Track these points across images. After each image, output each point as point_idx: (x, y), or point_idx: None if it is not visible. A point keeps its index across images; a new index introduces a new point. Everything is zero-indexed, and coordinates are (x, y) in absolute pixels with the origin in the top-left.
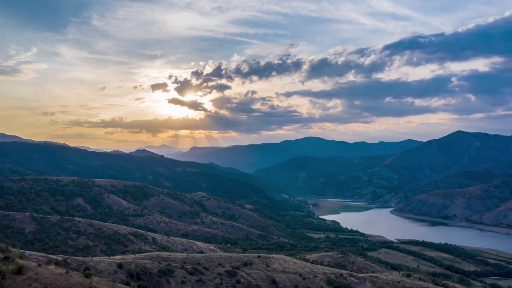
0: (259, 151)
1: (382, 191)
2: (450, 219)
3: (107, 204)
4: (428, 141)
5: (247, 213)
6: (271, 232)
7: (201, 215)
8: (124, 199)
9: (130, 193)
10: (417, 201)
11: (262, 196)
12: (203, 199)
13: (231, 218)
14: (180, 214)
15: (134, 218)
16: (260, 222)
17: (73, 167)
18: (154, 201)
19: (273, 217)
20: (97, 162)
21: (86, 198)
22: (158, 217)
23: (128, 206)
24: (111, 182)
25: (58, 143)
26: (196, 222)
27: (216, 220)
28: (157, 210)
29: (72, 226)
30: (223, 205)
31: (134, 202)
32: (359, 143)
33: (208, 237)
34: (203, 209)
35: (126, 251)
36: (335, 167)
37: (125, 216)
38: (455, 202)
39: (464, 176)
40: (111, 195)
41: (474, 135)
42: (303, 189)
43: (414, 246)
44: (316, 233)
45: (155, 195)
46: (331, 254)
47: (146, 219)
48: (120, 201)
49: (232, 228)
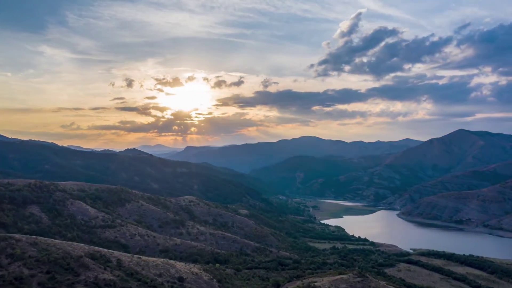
0: (255, 150)
1: (385, 192)
2: (465, 224)
3: (69, 213)
4: (429, 140)
5: (241, 220)
6: (269, 242)
7: (187, 224)
8: (93, 206)
9: (102, 199)
10: (426, 203)
11: (258, 199)
12: (191, 204)
13: (223, 226)
14: (161, 224)
15: (102, 231)
16: (257, 231)
17: (49, 167)
18: (132, 207)
19: (271, 223)
20: (79, 162)
21: (44, 206)
22: (133, 228)
23: (96, 215)
24: (80, 185)
25: (39, 141)
26: (180, 233)
27: (204, 230)
28: (134, 219)
29: (7, 246)
30: (214, 211)
31: (106, 209)
32: (356, 142)
33: (193, 253)
34: (190, 216)
35: (76, 282)
36: (333, 167)
37: (90, 228)
38: (468, 205)
39: (472, 176)
40: (77, 202)
41: (476, 133)
42: (301, 190)
43: (436, 259)
44: (320, 242)
45: (133, 200)
46: (346, 278)
47: (117, 231)
48: (87, 209)
49: (224, 240)
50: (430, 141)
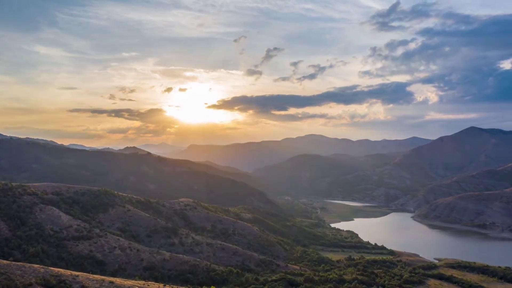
0: (260, 149)
1: (396, 192)
2: (489, 228)
3: (36, 222)
4: (440, 138)
5: (244, 226)
6: (276, 253)
7: (180, 233)
8: (68, 212)
9: (81, 203)
10: (443, 205)
11: (263, 200)
12: (187, 208)
13: (223, 234)
14: (150, 232)
15: (75, 243)
16: (261, 240)
17: (37, 166)
18: (116, 213)
19: (277, 229)
20: (71, 161)
21: (5, 213)
22: (114, 239)
23: (70, 224)
24: (55, 187)
25: (31, 139)
26: (171, 244)
27: (200, 239)
28: (117, 227)
29: None
30: (213, 216)
31: (83, 216)
32: (362, 140)
33: (185, 270)
34: (186, 222)
35: None
36: (340, 165)
37: (60, 241)
38: (490, 207)
39: (489, 176)
40: (48, 208)
41: (488, 131)
42: (307, 189)
43: (469, 272)
44: (333, 251)
45: (118, 204)
46: None
47: (93, 244)
48: (59, 216)
49: (223, 252)
50: (441, 139)
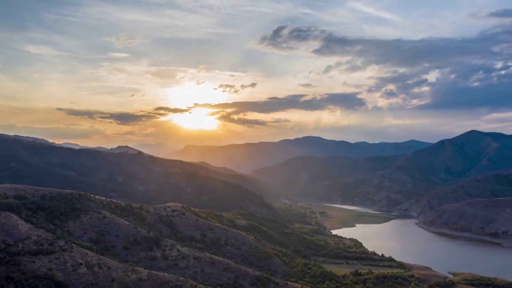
0: (257, 150)
1: (398, 196)
2: (502, 238)
3: None
4: (441, 141)
5: (238, 235)
6: (274, 267)
7: (164, 244)
8: (29, 220)
9: (48, 209)
10: (450, 211)
11: (259, 204)
12: (174, 214)
13: (214, 244)
14: (128, 244)
15: (30, 259)
16: (257, 251)
17: (16, 165)
18: (89, 221)
19: (275, 238)
20: (55, 160)
21: None
22: (81, 253)
23: (28, 235)
24: (20, 190)
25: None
26: (153, 258)
27: (187, 252)
28: (89, 238)
29: None
30: (204, 224)
31: (49, 225)
32: (360, 143)
33: None
34: (172, 230)
35: None
36: (338, 168)
37: (12, 256)
38: (501, 215)
39: (495, 180)
40: (5, 215)
41: (490, 135)
42: (306, 192)
43: None
44: (336, 263)
45: (93, 210)
46: None
47: (54, 260)
48: (16, 225)
49: (212, 268)
50: (442, 143)
